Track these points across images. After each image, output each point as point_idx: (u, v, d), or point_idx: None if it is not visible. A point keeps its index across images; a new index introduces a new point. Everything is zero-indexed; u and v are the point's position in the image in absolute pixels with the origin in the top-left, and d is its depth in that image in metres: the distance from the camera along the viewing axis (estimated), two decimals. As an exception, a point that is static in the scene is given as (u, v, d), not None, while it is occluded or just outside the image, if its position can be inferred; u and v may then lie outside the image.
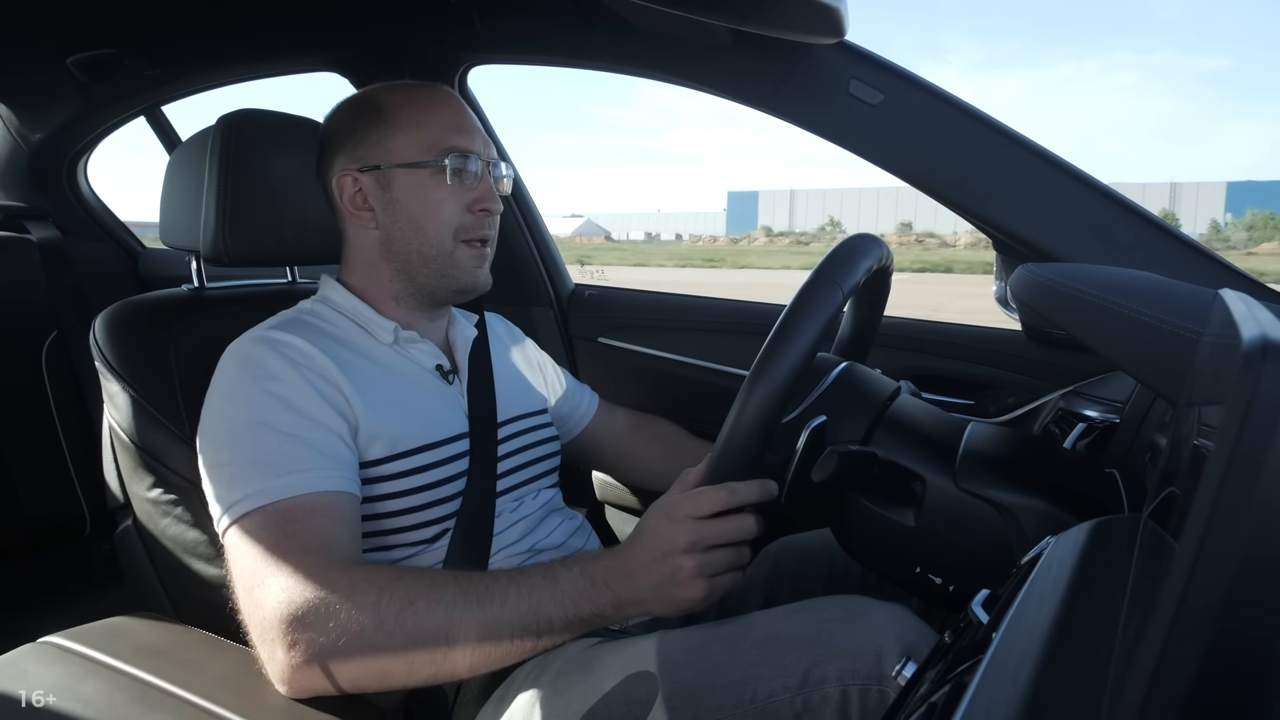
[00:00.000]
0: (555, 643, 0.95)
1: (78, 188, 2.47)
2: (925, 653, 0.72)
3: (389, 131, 1.18)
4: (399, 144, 1.18)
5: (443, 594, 0.92)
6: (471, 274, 1.22)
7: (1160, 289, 0.78)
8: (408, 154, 1.17)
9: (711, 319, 1.88)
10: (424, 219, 1.19)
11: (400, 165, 1.17)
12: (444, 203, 1.18)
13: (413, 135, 1.18)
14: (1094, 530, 0.61)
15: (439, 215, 1.18)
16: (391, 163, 1.18)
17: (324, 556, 0.95)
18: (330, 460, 1.03)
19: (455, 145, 1.18)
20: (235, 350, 1.11)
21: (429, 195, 1.18)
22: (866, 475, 0.90)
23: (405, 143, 1.18)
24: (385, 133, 1.18)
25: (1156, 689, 0.30)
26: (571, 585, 0.93)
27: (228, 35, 1.80)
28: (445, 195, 1.18)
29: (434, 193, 1.18)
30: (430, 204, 1.18)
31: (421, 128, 1.18)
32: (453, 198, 1.18)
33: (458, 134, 1.19)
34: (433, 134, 1.18)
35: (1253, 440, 0.29)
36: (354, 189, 1.21)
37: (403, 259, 1.21)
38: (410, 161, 1.17)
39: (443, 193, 1.18)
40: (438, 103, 1.21)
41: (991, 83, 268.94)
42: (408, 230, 1.20)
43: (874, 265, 0.99)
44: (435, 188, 1.18)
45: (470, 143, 1.19)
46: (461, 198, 1.19)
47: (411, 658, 0.90)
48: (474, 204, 1.19)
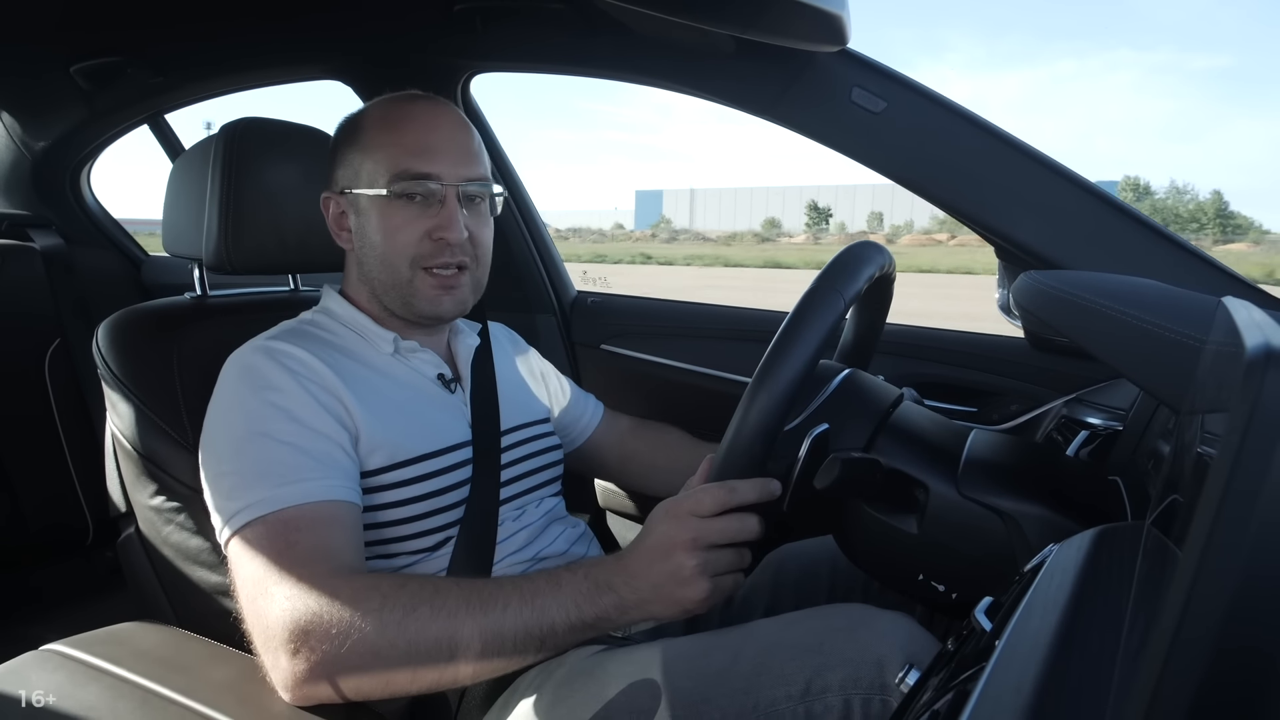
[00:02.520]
0: (559, 648, 0.95)
1: (81, 196, 2.47)
2: (928, 662, 0.72)
3: (360, 154, 1.17)
4: (365, 169, 1.17)
5: (446, 600, 0.91)
6: (432, 303, 1.20)
7: (1163, 296, 0.78)
8: (373, 179, 1.16)
9: (714, 326, 1.88)
10: (381, 246, 1.17)
11: (360, 191, 1.17)
12: (399, 230, 1.16)
13: (376, 159, 1.16)
14: (1097, 538, 0.61)
15: (394, 243, 1.16)
16: (357, 187, 1.17)
17: (327, 565, 0.95)
18: (331, 470, 1.03)
19: (409, 169, 1.15)
20: (236, 360, 1.11)
21: (387, 222, 1.16)
22: (869, 482, 0.90)
23: (370, 167, 1.16)
24: (357, 155, 1.18)
25: (1160, 698, 0.30)
26: (574, 589, 0.92)
27: (230, 43, 1.81)
28: (402, 223, 1.16)
29: (391, 219, 1.16)
30: (387, 231, 1.16)
31: (382, 150, 1.16)
32: (411, 226, 1.16)
33: (414, 157, 1.15)
34: (392, 157, 1.15)
35: (1256, 448, 0.29)
36: (336, 210, 1.22)
37: (370, 283, 1.21)
38: (371, 188, 1.16)
39: (399, 219, 1.16)
40: (405, 121, 1.18)
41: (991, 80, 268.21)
42: (371, 256, 1.19)
43: (876, 272, 0.99)
44: (393, 214, 1.16)
45: (429, 165, 1.15)
46: (422, 225, 1.16)
47: (415, 664, 0.90)
48: (433, 231, 1.16)
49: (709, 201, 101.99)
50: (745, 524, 0.90)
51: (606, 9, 1.28)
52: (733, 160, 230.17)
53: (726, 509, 0.90)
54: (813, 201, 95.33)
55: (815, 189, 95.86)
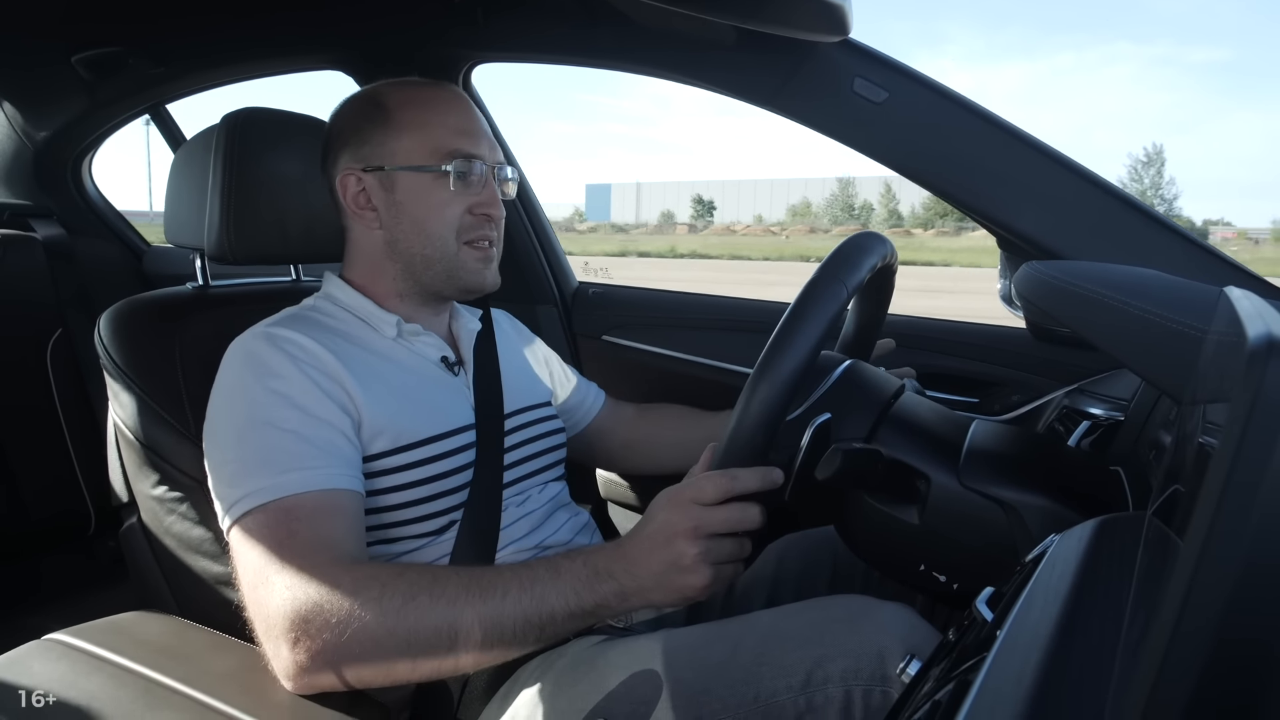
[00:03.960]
0: (559, 636, 0.95)
1: (82, 186, 2.47)
2: (929, 652, 0.72)
3: (393, 132, 1.18)
4: (403, 145, 1.17)
5: (445, 588, 0.91)
6: (478, 275, 1.22)
7: (1165, 286, 0.78)
8: (412, 156, 1.17)
9: (716, 317, 1.88)
10: (427, 222, 1.18)
11: (404, 168, 1.17)
12: (446, 206, 1.18)
13: (417, 137, 1.17)
14: (1098, 528, 0.61)
15: (441, 218, 1.18)
16: (395, 165, 1.18)
17: (328, 554, 0.95)
18: (333, 457, 1.03)
19: (459, 149, 1.17)
20: (238, 347, 1.11)
21: (432, 198, 1.18)
22: (871, 473, 0.90)
23: (409, 145, 1.17)
24: (389, 133, 1.18)
25: (1161, 688, 0.30)
26: (574, 576, 0.92)
27: (232, 33, 1.80)
28: (448, 199, 1.18)
29: (436, 196, 1.18)
30: (433, 207, 1.18)
31: (426, 129, 1.17)
32: (455, 201, 1.18)
33: (462, 137, 1.18)
34: (437, 137, 1.17)
35: (1257, 438, 0.29)
36: (357, 188, 1.20)
37: (406, 259, 1.21)
38: (414, 165, 1.17)
39: (445, 196, 1.18)
40: (443, 104, 1.21)
41: (990, 72, 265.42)
42: (410, 232, 1.19)
43: (878, 263, 0.99)
44: (438, 191, 1.18)
45: (475, 147, 1.19)
46: (464, 201, 1.18)
47: (415, 652, 0.90)
48: (475, 207, 1.19)
49: (654, 194, 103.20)
50: (747, 513, 0.90)
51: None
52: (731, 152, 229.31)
53: (729, 497, 0.89)
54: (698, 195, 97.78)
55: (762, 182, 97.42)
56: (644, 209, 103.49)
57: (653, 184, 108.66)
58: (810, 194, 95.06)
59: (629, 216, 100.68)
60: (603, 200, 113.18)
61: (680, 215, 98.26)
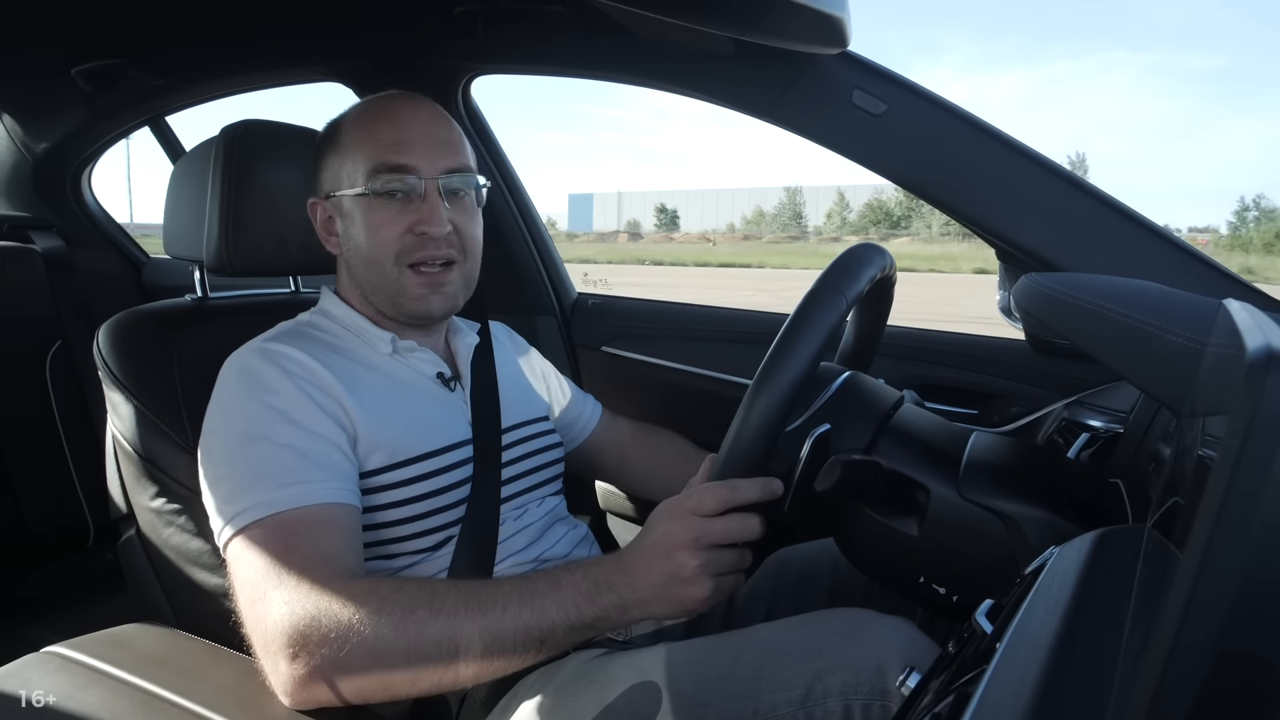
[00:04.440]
0: (559, 649, 0.94)
1: (82, 198, 2.48)
2: (928, 665, 0.72)
3: (338, 157, 1.17)
4: (345, 170, 1.16)
5: (445, 602, 0.91)
6: (421, 302, 1.19)
7: (1164, 299, 0.78)
8: (353, 179, 1.15)
9: (715, 328, 1.88)
10: (367, 246, 1.16)
11: (345, 192, 1.16)
12: (382, 227, 1.15)
13: (355, 158, 1.15)
14: (1098, 540, 0.61)
15: (377, 241, 1.15)
16: (340, 190, 1.17)
17: (326, 569, 0.95)
18: (329, 472, 1.03)
19: (386, 163, 1.14)
20: (233, 363, 1.11)
21: (369, 220, 1.15)
22: (870, 485, 0.90)
23: (350, 168, 1.16)
24: (336, 158, 1.17)
25: (1161, 701, 0.30)
26: (574, 589, 0.91)
27: (231, 45, 1.81)
28: (384, 220, 1.15)
29: (373, 217, 1.15)
30: (370, 229, 1.15)
31: (358, 147, 1.15)
32: (393, 222, 1.15)
33: (390, 150, 1.14)
34: (369, 154, 1.14)
35: (1257, 450, 0.29)
36: (324, 216, 1.21)
37: (361, 285, 1.21)
38: (352, 188, 1.15)
39: (381, 216, 1.15)
40: (380, 118, 1.17)
41: (987, 81, 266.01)
42: (357, 258, 1.19)
43: (878, 274, 0.99)
44: (374, 212, 1.15)
45: (405, 158, 1.14)
46: (403, 220, 1.15)
47: (415, 667, 0.90)
48: (415, 225, 1.15)
49: (635, 204, 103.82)
50: (747, 524, 0.90)
51: (606, 11, 1.28)
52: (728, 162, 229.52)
53: (729, 508, 0.89)
54: (661, 205, 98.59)
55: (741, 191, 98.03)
56: (625, 218, 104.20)
57: (633, 193, 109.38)
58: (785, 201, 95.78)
59: (612, 225, 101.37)
60: (585, 209, 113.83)
61: (649, 224, 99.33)
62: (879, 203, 77.54)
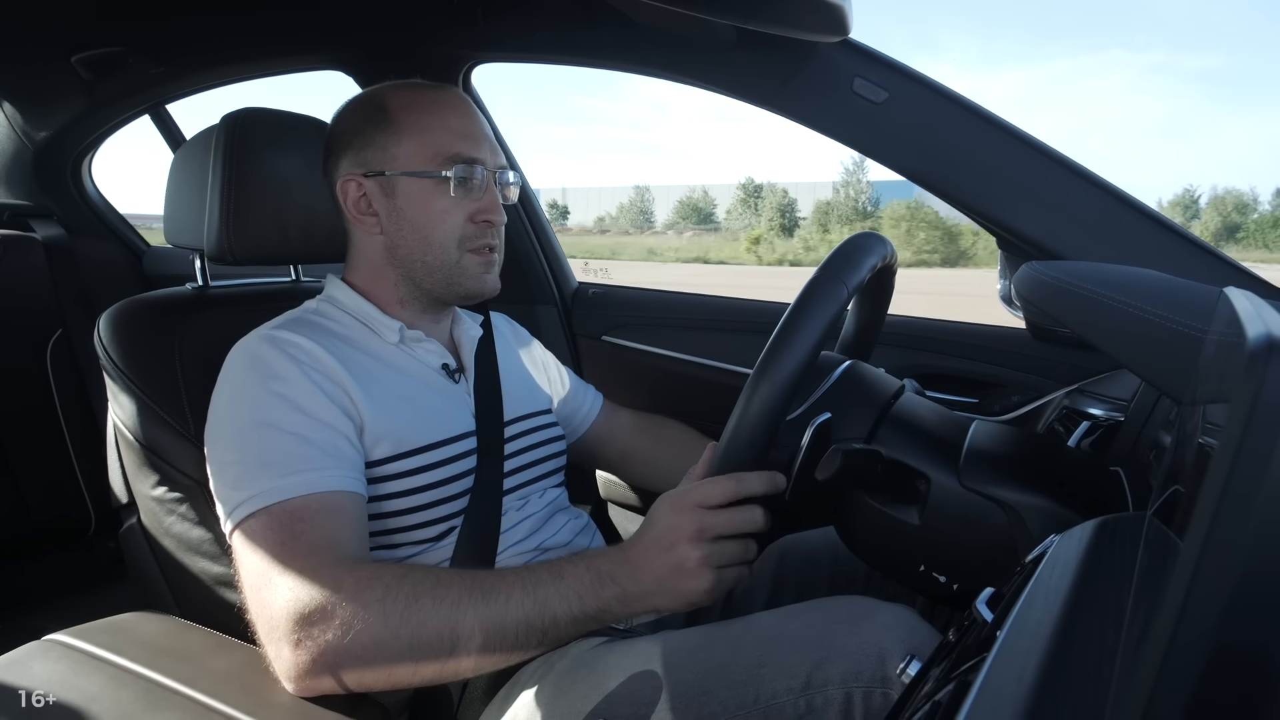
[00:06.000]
0: (562, 640, 0.95)
1: (82, 186, 2.47)
2: (929, 653, 0.72)
3: (394, 136, 1.17)
4: (404, 150, 1.16)
5: (448, 591, 0.91)
6: (478, 280, 1.21)
7: (1165, 287, 0.78)
8: (413, 162, 1.16)
9: (716, 317, 1.88)
10: (428, 229, 1.17)
11: (405, 173, 1.16)
12: (448, 213, 1.17)
13: (418, 142, 1.16)
14: (1098, 528, 0.61)
15: (443, 225, 1.17)
16: (396, 170, 1.16)
17: (330, 556, 0.95)
18: (335, 460, 1.03)
19: (460, 154, 1.16)
20: (241, 350, 1.11)
21: (433, 205, 1.17)
22: (871, 473, 0.90)
23: (410, 149, 1.16)
24: (390, 137, 1.17)
25: (1161, 689, 0.30)
26: (577, 580, 0.92)
27: (231, 33, 1.80)
28: (449, 205, 1.17)
29: (438, 202, 1.16)
30: (434, 214, 1.17)
31: (427, 134, 1.16)
32: (456, 208, 1.17)
33: (464, 142, 1.17)
34: (438, 141, 1.16)
35: (1257, 438, 0.29)
36: (358, 194, 1.19)
37: (407, 266, 1.20)
38: (415, 170, 1.16)
39: (447, 203, 1.16)
40: (445, 107, 1.19)
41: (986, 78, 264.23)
42: (412, 239, 1.19)
43: (878, 263, 0.99)
44: (439, 197, 1.16)
45: (477, 151, 1.17)
46: (465, 208, 1.17)
47: (417, 656, 0.90)
48: (477, 214, 1.18)
49: (577, 199, 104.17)
50: (750, 516, 0.90)
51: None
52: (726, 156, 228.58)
53: (733, 501, 0.90)
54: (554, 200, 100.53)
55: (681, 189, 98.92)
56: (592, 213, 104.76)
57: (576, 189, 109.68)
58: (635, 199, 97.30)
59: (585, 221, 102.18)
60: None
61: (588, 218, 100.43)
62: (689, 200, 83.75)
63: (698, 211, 75.62)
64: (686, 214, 71.59)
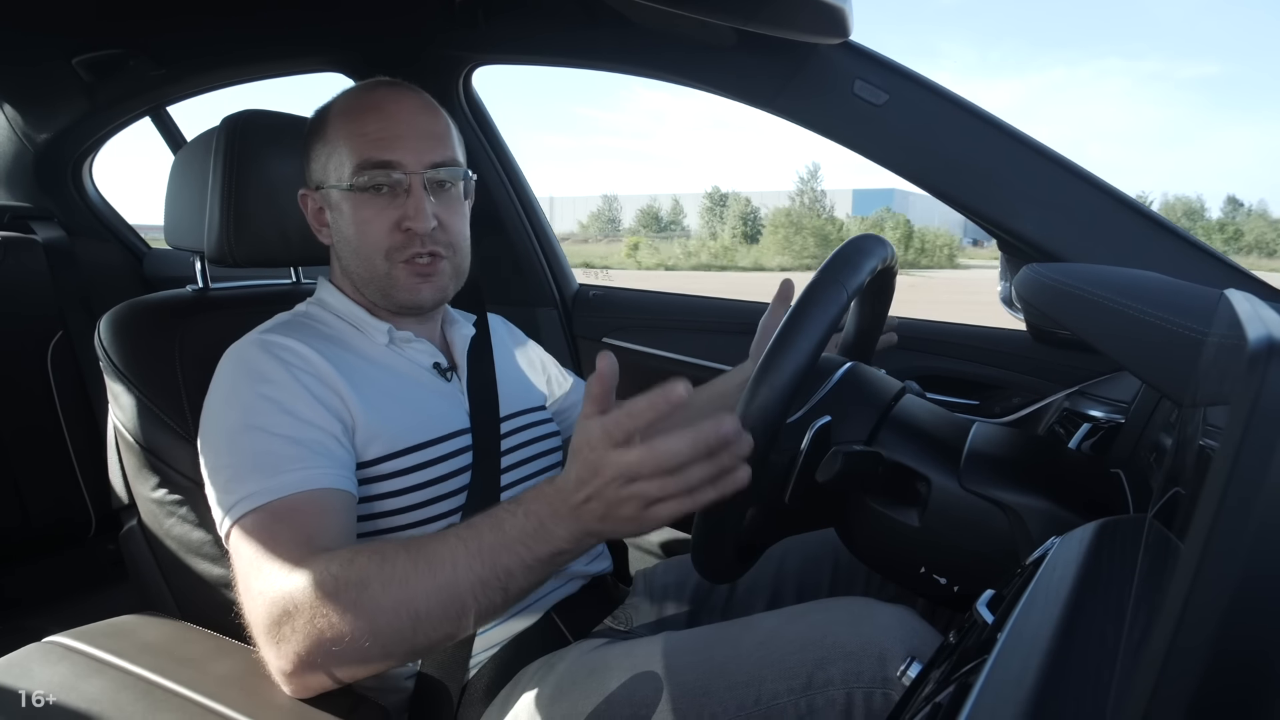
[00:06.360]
0: (528, 588, 0.89)
1: (83, 188, 2.47)
2: (930, 654, 0.72)
3: (326, 148, 1.15)
4: (333, 162, 1.15)
5: (394, 569, 0.88)
6: (411, 293, 1.17)
7: (1165, 289, 0.78)
8: (339, 173, 1.14)
9: (716, 319, 1.88)
10: (355, 240, 1.16)
11: (333, 186, 1.15)
12: (369, 223, 1.14)
13: (342, 151, 1.14)
14: (1099, 531, 0.61)
15: (367, 237, 1.14)
16: (327, 183, 1.16)
17: (301, 551, 0.93)
18: (322, 458, 1.02)
19: (370, 159, 1.12)
20: (231, 354, 1.11)
21: (357, 215, 1.14)
22: (871, 475, 0.90)
23: (337, 161, 1.14)
24: (323, 149, 1.16)
25: (1162, 690, 0.30)
26: (519, 530, 0.85)
27: (232, 35, 1.80)
28: (371, 215, 1.13)
29: (361, 212, 1.14)
30: (358, 225, 1.14)
31: (346, 142, 1.14)
32: (380, 218, 1.13)
33: (375, 146, 1.12)
34: (356, 148, 1.13)
35: (1258, 440, 0.29)
36: (314, 207, 1.20)
37: (353, 276, 1.20)
38: (339, 181, 1.14)
39: (368, 212, 1.13)
40: (365, 111, 1.15)
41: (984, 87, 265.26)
42: (346, 251, 1.18)
43: (879, 265, 0.99)
44: (362, 207, 1.14)
45: (390, 153, 1.12)
46: (390, 216, 1.13)
47: (382, 640, 0.87)
48: (401, 221, 1.13)
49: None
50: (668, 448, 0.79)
51: (608, 0, 1.28)
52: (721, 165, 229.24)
53: (631, 433, 0.81)
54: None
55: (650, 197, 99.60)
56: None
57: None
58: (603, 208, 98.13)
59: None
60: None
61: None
62: (650, 208, 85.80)
63: (657, 220, 77.00)
64: (647, 222, 72.69)
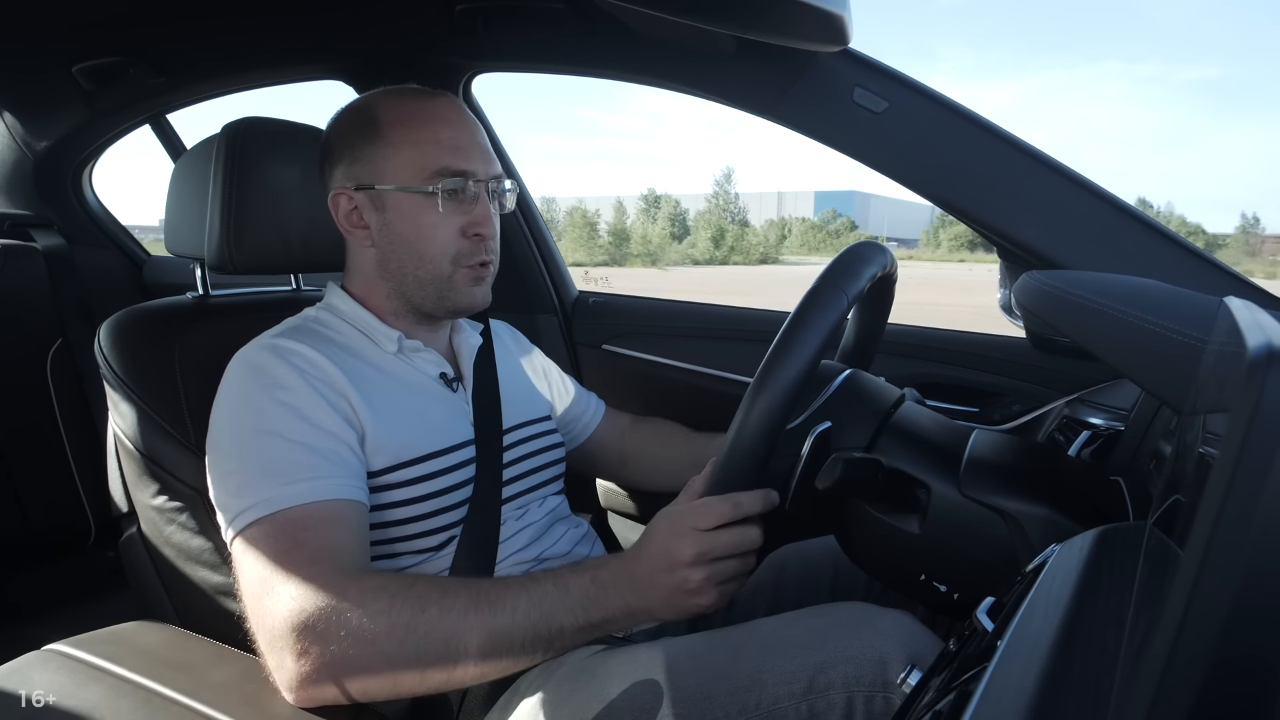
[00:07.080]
0: (566, 648, 0.96)
1: (83, 196, 2.47)
2: (930, 660, 0.72)
3: (383, 149, 1.15)
4: (393, 165, 1.15)
5: (454, 602, 0.92)
6: (468, 295, 1.20)
7: (1165, 296, 0.78)
8: (401, 176, 1.14)
9: (716, 326, 1.88)
10: (419, 244, 1.16)
11: (394, 188, 1.15)
12: (437, 228, 1.15)
13: (407, 156, 1.14)
14: (1099, 538, 0.61)
15: (434, 242, 1.16)
16: (386, 184, 1.15)
17: (333, 564, 0.95)
18: (338, 468, 1.03)
19: (450, 167, 1.14)
20: (243, 358, 1.10)
21: (423, 220, 1.15)
22: (871, 482, 0.90)
23: (399, 164, 1.14)
24: (379, 150, 1.15)
25: (1163, 698, 0.30)
26: (583, 592, 0.93)
27: (232, 43, 1.81)
28: (439, 220, 1.15)
29: (427, 217, 1.15)
30: (424, 229, 1.15)
31: (416, 147, 1.14)
32: (446, 223, 1.16)
33: (453, 155, 1.15)
34: (427, 155, 1.14)
35: (1258, 448, 0.29)
36: (349, 206, 1.19)
37: (399, 279, 1.20)
38: (404, 185, 1.14)
39: (436, 218, 1.15)
40: (435, 118, 1.17)
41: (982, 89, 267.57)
42: (403, 253, 1.18)
43: (878, 272, 0.99)
44: (429, 212, 1.15)
45: (466, 163, 1.15)
46: (456, 222, 1.16)
47: (423, 666, 0.90)
48: (468, 227, 1.16)
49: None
50: (747, 535, 0.92)
51: (607, 8, 1.28)
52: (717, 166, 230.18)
53: (729, 523, 0.91)
54: None
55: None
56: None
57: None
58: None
59: None
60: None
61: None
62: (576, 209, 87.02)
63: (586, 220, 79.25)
64: (576, 222, 74.62)
